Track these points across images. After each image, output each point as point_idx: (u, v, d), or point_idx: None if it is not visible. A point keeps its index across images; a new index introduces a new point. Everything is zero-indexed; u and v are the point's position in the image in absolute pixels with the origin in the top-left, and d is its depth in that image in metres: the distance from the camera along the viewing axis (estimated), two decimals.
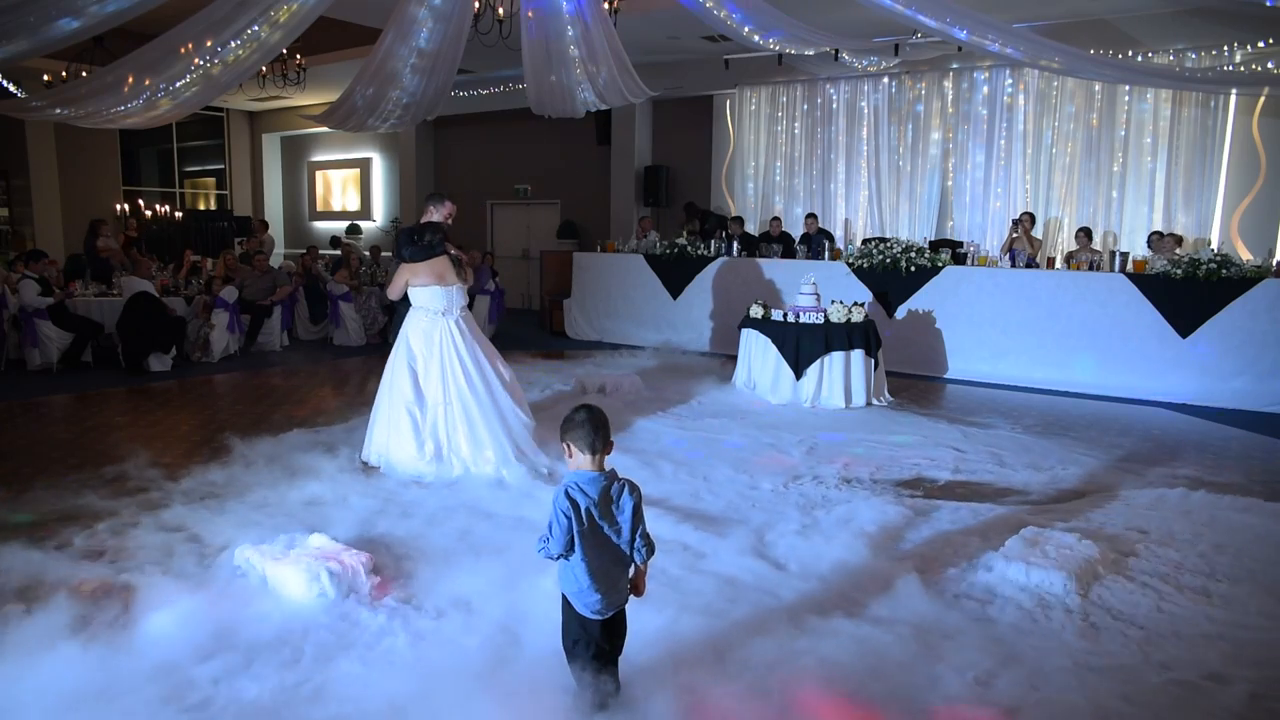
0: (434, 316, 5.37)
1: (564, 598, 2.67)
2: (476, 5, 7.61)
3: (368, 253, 12.94)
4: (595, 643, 2.62)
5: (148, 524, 4.27)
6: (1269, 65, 9.09)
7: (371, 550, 3.77)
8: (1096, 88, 10.41)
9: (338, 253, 12.99)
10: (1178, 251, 8.94)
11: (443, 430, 5.29)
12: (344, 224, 17.36)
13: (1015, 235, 9.92)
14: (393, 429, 5.31)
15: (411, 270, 5.34)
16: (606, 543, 2.60)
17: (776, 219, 11.86)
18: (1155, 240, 9.39)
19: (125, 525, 4.25)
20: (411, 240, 5.38)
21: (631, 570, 2.71)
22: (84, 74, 9.96)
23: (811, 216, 11.49)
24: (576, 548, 2.57)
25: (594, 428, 2.58)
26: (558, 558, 2.61)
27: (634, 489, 2.65)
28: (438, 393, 5.32)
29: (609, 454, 2.64)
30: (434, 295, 5.36)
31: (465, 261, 5.49)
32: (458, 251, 5.46)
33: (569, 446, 2.62)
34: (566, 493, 2.57)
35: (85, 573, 3.67)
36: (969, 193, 11.37)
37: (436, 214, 5.62)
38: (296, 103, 15.13)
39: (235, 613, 3.34)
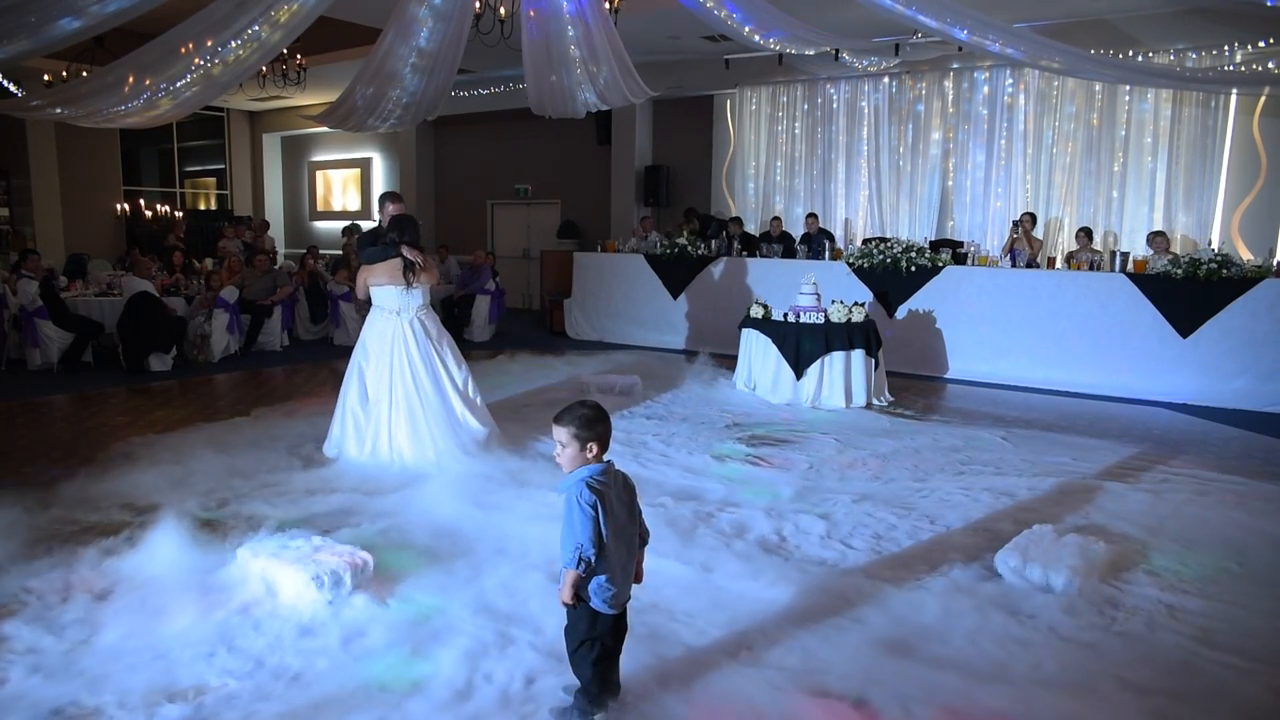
0: (389, 316, 5.52)
1: (577, 595, 2.64)
2: (477, 5, 7.60)
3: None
4: (602, 641, 2.61)
5: (147, 524, 4.27)
6: (1269, 65, 9.08)
7: (369, 548, 3.76)
8: (1097, 88, 10.41)
9: (339, 252, 12.99)
10: (1172, 251, 8.94)
11: (384, 428, 5.41)
12: (344, 224, 17.34)
13: (1015, 236, 9.92)
14: (342, 426, 5.52)
15: (369, 271, 5.49)
16: (623, 531, 2.59)
17: (777, 219, 11.87)
18: (1153, 239, 9.32)
19: (125, 525, 4.25)
20: (371, 242, 5.55)
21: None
22: (84, 74, 9.95)
23: (812, 216, 11.49)
24: (608, 555, 2.53)
25: (607, 422, 2.60)
26: (597, 560, 2.50)
27: (629, 477, 2.67)
28: (383, 390, 5.44)
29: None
30: (389, 295, 5.49)
31: (422, 265, 5.49)
32: (413, 253, 5.44)
33: (588, 444, 2.54)
34: (589, 486, 2.50)
35: (85, 571, 3.67)
36: (969, 193, 11.37)
37: (384, 216, 5.72)
38: (297, 103, 15.13)
39: (235, 613, 3.34)
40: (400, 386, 5.42)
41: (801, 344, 7.67)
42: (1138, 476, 5.42)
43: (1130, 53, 9.56)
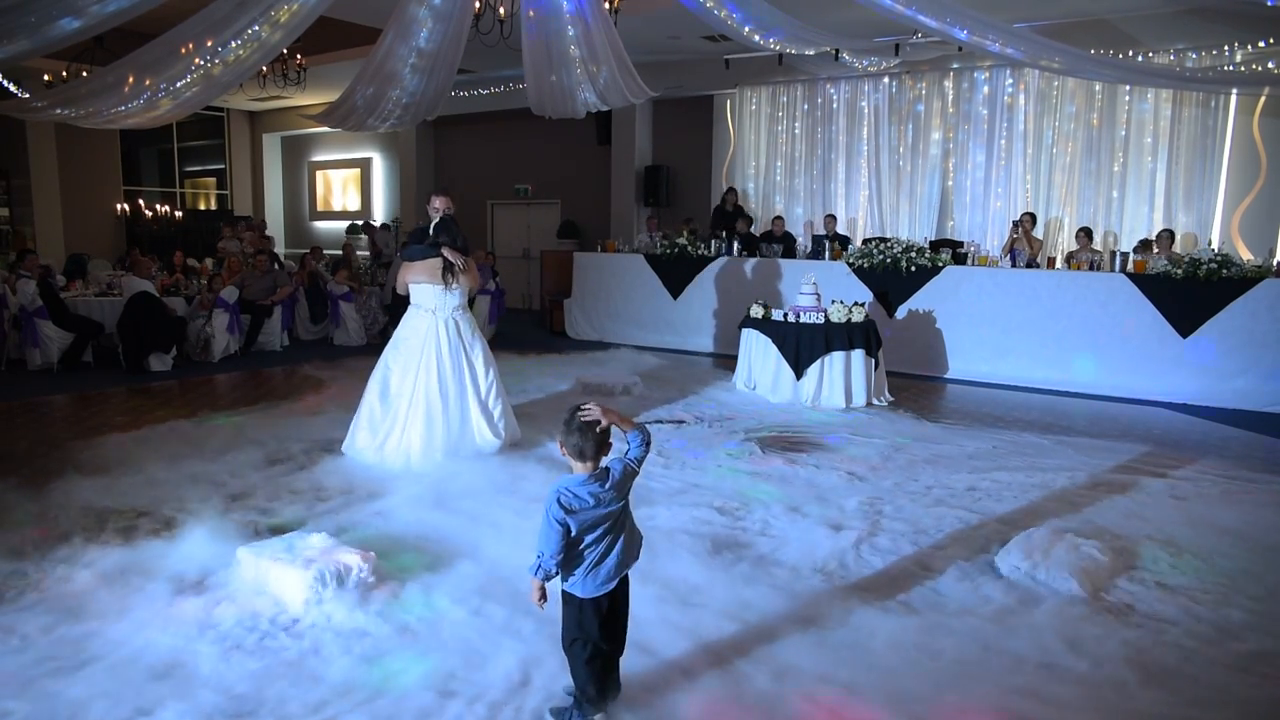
0: (424, 314, 5.58)
1: (564, 595, 2.65)
2: (477, 5, 7.60)
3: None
4: (595, 642, 2.61)
5: (147, 524, 4.28)
6: (1269, 65, 9.08)
7: (371, 549, 3.76)
8: (1097, 88, 10.41)
9: (339, 252, 12.99)
10: (1174, 250, 8.93)
11: (399, 424, 5.43)
12: (344, 224, 17.37)
13: (1015, 236, 9.93)
14: (359, 418, 5.55)
15: (409, 269, 5.58)
16: (608, 519, 2.59)
17: (779, 218, 11.84)
18: (1140, 247, 9.29)
19: (125, 525, 4.26)
20: (417, 241, 5.62)
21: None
22: (84, 74, 9.95)
23: (831, 217, 11.46)
24: (588, 547, 2.54)
25: (585, 434, 2.54)
26: (556, 573, 2.55)
27: (621, 464, 2.63)
28: (407, 387, 5.47)
29: (606, 455, 2.61)
30: (427, 294, 5.56)
31: (461, 268, 5.52)
32: (454, 255, 5.48)
33: (563, 449, 2.59)
34: (559, 501, 2.51)
35: (84, 570, 3.67)
36: (969, 193, 11.37)
37: (429, 207, 5.77)
38: (297, 102, 15.13)
39: (235, 613, 3.34)
40: (423, 386, 5.46)
41: (801, 344, 7.66)
42: (1136, 477, 5.41)
43: (1130, 53, 9.56)
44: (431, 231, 5.57)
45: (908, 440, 6.34)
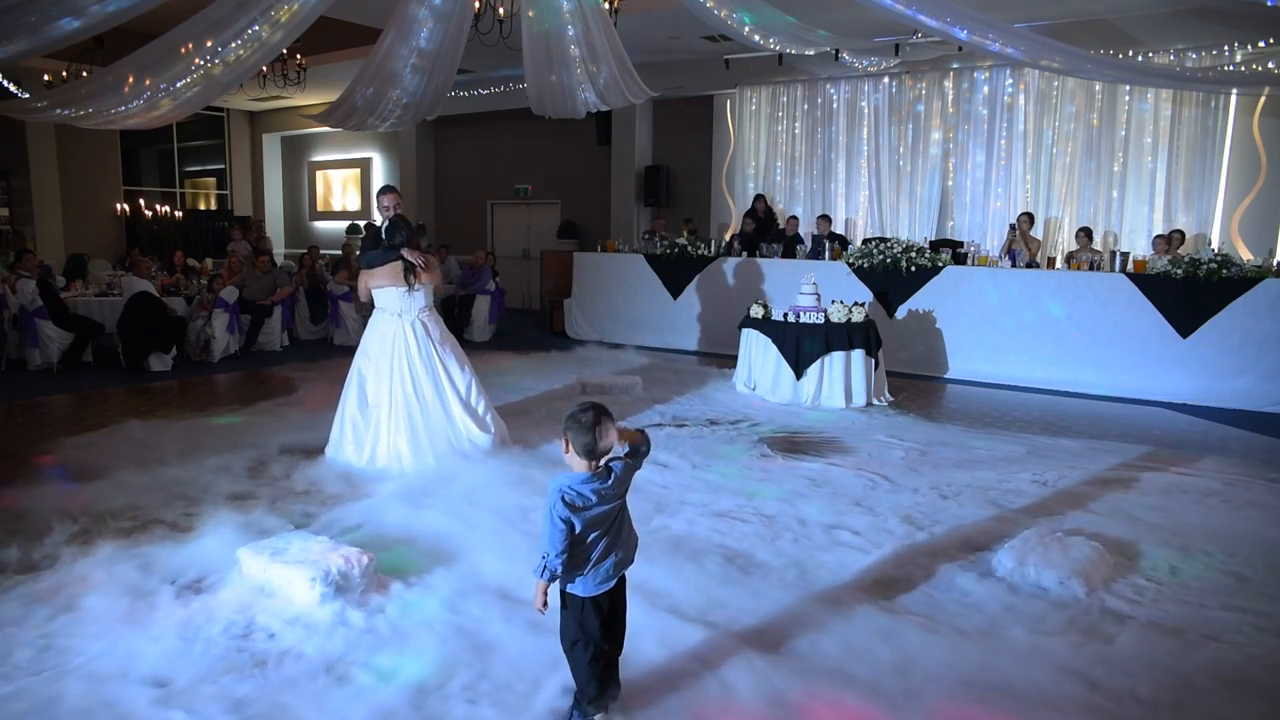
0: (391, 318, 5.48)
1: (563, 596, 2.65)
2: (477, 5, 7.60)
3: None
4: (595, 644, 2.61)
5: (144, 525, 4.28)
6: (1269, 65, 9.09)
7: (369, 548, 3.76)
8: (1097, 88, 10.42)
9: (339, 252, 13.00)
10: (1178, 251, 8.94)
11: (384, 433, 5.36)
12: (344, 224, 17.38)
13: (1013, 237, 9.93)
14: (341, 430, 5.46)
15: (370, 273, 5.45)
16: (609, 518, 2.58)
17: (794, 218, 11.82)
18: (1160, 244, 9.33)
19: (124, 526, 4.26)
20: (373, 244, 5.49)
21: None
22: (84, 74, 9.95)
23: (824, 218, 11.47)
24: (590, 545, 2.54)
25: (593, 432, 2.51)
26: (561, 571, 2.53)
27: (622, 464, 2.61)
28: (384, 395, 5.39)
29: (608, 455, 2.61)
30: (390, 297, 5.46)
31: (423, 266, 5.43)
32: (414, 254, 5.39)
33: (569, 443, 2.56)
34: (563, 499, 2.50)
35: (79, 571, 3.66)
36: (969, 193, 11.38)
37: (380, 208, 5.60)
38: (297, 103, 15.13)
39: (235, 615, 3.34)
40: (400, 391, 5.38)
41: (801, 344, 7.66)
42: (1136, 477, 5.40)
43: (1130, 53, 9.56)
44: (384, 234, 5.44)
45: (930, 446, 6.17)
